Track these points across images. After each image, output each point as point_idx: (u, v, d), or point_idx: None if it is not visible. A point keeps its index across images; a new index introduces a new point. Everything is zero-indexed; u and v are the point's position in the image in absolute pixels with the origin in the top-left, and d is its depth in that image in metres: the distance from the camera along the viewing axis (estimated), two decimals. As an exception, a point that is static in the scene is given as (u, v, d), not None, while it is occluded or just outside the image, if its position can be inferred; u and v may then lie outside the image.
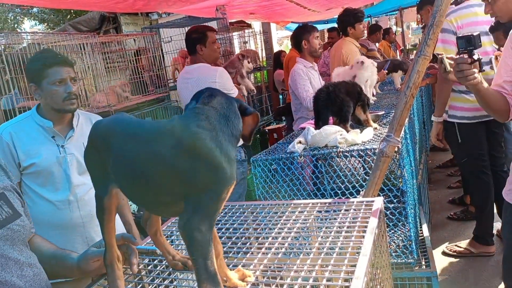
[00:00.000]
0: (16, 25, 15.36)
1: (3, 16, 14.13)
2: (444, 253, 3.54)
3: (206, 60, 3.33)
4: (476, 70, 1.66)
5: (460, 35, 1.66)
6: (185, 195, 0.85)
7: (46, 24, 15.07)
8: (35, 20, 15.29)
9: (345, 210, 1.35)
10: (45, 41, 3.46)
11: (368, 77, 3.11)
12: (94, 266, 1.21)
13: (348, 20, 4.17)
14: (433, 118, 3.34)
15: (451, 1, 1.67)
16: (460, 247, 3.49)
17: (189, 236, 0.83)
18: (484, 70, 1.71)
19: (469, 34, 1.62)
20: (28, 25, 16.34)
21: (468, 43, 1.61)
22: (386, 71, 3.97)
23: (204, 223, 0.83)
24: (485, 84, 1.73)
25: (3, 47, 3.08)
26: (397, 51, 9.59)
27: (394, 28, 11.19)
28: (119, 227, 2.11)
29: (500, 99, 1.77)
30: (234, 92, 3.18)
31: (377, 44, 7.62)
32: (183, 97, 3.40)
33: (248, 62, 3.78)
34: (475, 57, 1.61)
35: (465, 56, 1.62)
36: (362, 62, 3.13)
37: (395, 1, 8.49)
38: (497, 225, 3.49)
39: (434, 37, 1.66)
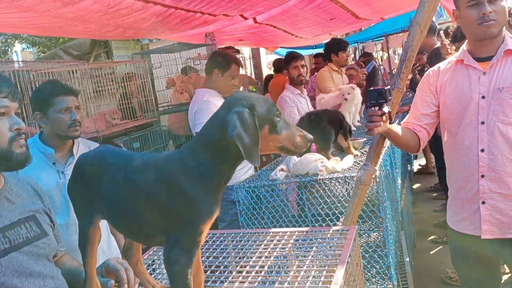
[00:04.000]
0: (7, 47, 15.39)
1: (-6, 39, 14.19)
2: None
3: (217, 87, 3.05)
4: (386, 123, 1.76)
5: (372, 88, 1.76)
6: (165, 229, 0.89)
7: (37, 47, 15.14)
8: (26, 43, 15.36)
9: (321, 238, 1.41)
10: (35, 68, 3.52)
11: (352, 107, 3.22)
12: None
13: (333, 48, 4.41)
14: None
15: (421, 37, 1.75)
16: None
17: (170, 269, 0.88)
18: (393, 122, 1.85)
19: (381, 87, 1.72)
20: (19, 47, 16.39)
21: (379, 96, 1.70)
22: (367, 73, 4.18)
23: (182, 256, 0.87)
24: (395, 129, 1.87)
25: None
26: (384, 75, 9.80)
27: (380, 53, 11.47)
28: (115, 252, 2.15)
29: (409, 137, 1.95)
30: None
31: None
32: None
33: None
34: (385, 110, 1.72)
35: (376, 108, 1.72)
36: (346, 99, 3.25)
37: (381, 28, 8.73)
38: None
39: (406, 71, 1.76)
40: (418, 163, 7.00)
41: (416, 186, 6.01)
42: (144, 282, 1.17)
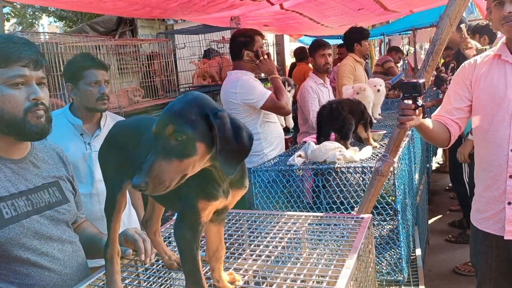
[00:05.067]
0: (34, 20, 15.62)
1: (22, 11, 14.39)
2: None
3: (250, 67, 2.97)
4: (419, 116, 1.73)
5: (406, 81, 1.72)
6: (177, 198, 0.91)
7: (64, 21, 15.32)
8: (53, 16, 15.56)
9: (335, 224, 1.42)
10: (63, 41, 3.58)
11: (371, 100, 3.19)
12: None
13: (355, 36, 4.25)
14: (469, 136, 3.29)
15: (450, 31, 1.72)
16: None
17: (177, 242, 0.91)
18: (427, 117, 1.81)
19: (415, 81, 1.68)
20: (46, 21, 16.62)
21: (413, 90, 1.66)
22: (391, 84, 4.06)
23: (187, 232, 0.89)
24: (426, 122, 1.83)
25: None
26: (409, 70, 9.65)
27: (406, 47, 11.26)
28: (134, 225, 2.22)
29: (440, 131, 1.92)
30: (258, 99, 2.83)
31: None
32: (223, 104, 3.08)
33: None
34: (419, 103, 1.69)
35: (409, 101, 1.69)
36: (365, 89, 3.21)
37: (409, 21, 8.56)
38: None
39: (433, 64, 1.73)
40: (436, 161, 6.92)
41: (433, 183, 5.95)
42: (161, 252, 1.21)
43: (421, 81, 1.66)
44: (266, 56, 2.93)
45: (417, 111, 1.69)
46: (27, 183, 1.34)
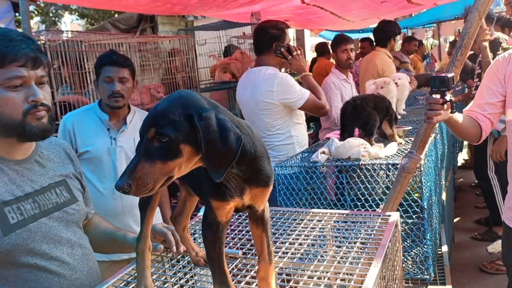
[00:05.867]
0: (56, 18, 15.92)
1: (45, 10, 14.67)
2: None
3: (278, 62, 2.74)
4: (448, 111, 1.68)
5: (434, 75, 1.67)
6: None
7: (86, 19, 15.58)
8: (75, 14, 15.84)
9: (362, 222, 1.40)
10: (87, 39, 3.63)
11: (394, 95, 3.12)
12: None
13: (394, 31, 4.11)
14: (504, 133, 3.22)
15: (480, 24, 1.67)
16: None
17: (203, 240, 0.92)
18: (455, 111, 1.75)
19: (444, 75, 1.63)
20: (68, 19, 16.93)
21: (442, 84, 1.62)
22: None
23: (208, 231, 0.89)
24: (456, 117, 1.78)
25: (44, 42, 3.24)
26: (433, 64, 9.46)
27: (431, 40, 11.05)
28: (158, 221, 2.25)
29: (470, 127, 1.87)
30: (297, 99, 2.61)
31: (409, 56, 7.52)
32: (240, 101, 2.89)
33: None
34: (447, 98, 1.64)
35: (438, 96, 1.64)
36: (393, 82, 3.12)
37: (433, 14, 8.38)
38: None
39: (461, 58, 1.69)
40: (462, 158, 6.78)
41: (458, 180, 5.83)
42: (188, 248, 1.21)
43: (449, 75, 1.62)
44: (299, 52, 2.71)
45: (445, 106, 1.65)
46: (33, 184, 1.27)
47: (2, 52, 1.15)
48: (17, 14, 4.46)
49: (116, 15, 8.36)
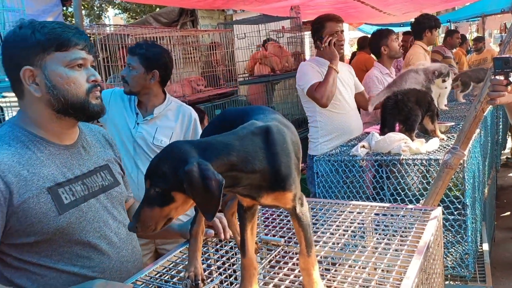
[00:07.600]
0: (101, 12, 16.42)
1: (90, 3, 15.14)
2: None
3: (322, 53, 2.98)
4: (511, 94, 1.62)
5: (498, 56, 1.62)
6: None
7: (128, 13, 16.00)
8: (118, 9, 16.28)
9: (403, 215, 1.41)
10: (133, 32, 3.76)
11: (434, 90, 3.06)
12: None
13: (429, 23, 4.04)
14: None
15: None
16: None
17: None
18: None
19: (508, 55, 1.58)
20: (112, 13, 17.42)
21: (505, 65, 1.57)
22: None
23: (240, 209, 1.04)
24: None
25: (92, 35, 3.37)
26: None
27: (474, 35, 10.65)
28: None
29: None
30: (304, 86, 2.85)
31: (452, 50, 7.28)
32: None
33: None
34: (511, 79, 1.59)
35: (501, 77, 1.60)
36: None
37: (478, 7, 8.08)
38: None
39: (509, 53, 1.65)
40: (505, 156, 6.54)
41: (500, 178, 5.64)
42: (234, 232, 1.27)
43: None
44: (327, 44, 2.87)
45: (509, 87, 1.60)
46: (81, 167, 1.36)
47: (67, 36, 1.27)
48: (64, 8, 4.66)
49: (158, 9, 8.53)
